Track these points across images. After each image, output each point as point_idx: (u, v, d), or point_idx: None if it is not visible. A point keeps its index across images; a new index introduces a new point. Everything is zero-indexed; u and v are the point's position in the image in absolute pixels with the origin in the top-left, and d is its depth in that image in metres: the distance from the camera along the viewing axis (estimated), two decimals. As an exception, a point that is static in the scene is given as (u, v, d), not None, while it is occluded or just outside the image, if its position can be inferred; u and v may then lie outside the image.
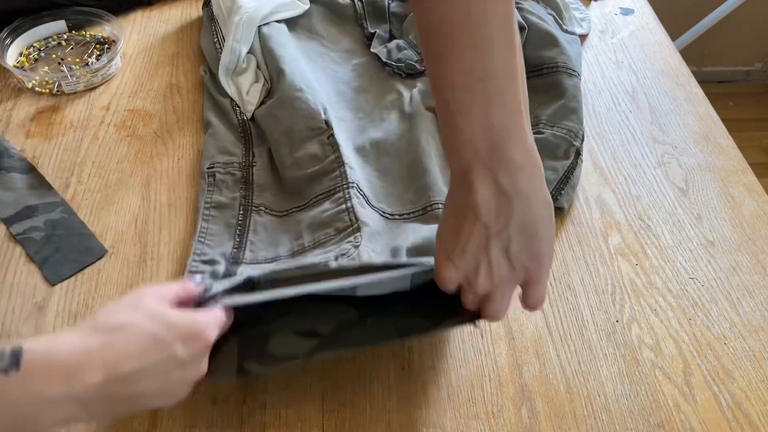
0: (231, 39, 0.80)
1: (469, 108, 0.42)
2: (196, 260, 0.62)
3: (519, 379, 0.57)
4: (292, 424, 0.54)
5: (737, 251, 0.67)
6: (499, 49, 0.42)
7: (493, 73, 0.42)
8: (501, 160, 0.43)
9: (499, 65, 0.42)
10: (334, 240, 0.62)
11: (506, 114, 0.43)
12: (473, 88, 0.42)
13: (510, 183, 0.44)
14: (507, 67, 0.42)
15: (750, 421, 0.54)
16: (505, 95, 0.43)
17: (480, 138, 0.43)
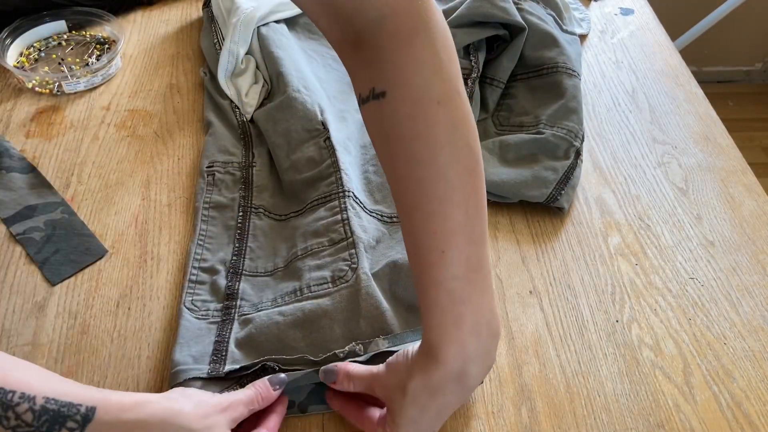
0: (229, 41, 0.80)
1: (470, 295, 0.47)
2: (196, 267, 0.62)
3: (519, 379, 0.57)
4: (292, 424, 0.54)
5: (737, 251, 0.67)
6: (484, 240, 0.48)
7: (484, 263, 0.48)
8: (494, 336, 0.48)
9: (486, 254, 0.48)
10: (327, 251, 0.62)
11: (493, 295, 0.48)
12: (471, 278, 0.47)
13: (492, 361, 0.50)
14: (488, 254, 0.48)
15: (750, 421, 0.54)
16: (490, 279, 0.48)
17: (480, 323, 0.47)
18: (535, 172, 0.69)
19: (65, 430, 0.40)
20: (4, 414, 0.39)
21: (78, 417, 0.41)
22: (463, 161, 0.46)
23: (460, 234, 0.46)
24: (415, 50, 0.45)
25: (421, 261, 0.47)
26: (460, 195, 0.46)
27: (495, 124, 0.77)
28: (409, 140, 0.46)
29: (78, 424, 0.40)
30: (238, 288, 0.61)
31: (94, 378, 0.56)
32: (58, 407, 0.40)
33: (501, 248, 0.67)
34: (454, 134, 0.46)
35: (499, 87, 0.78)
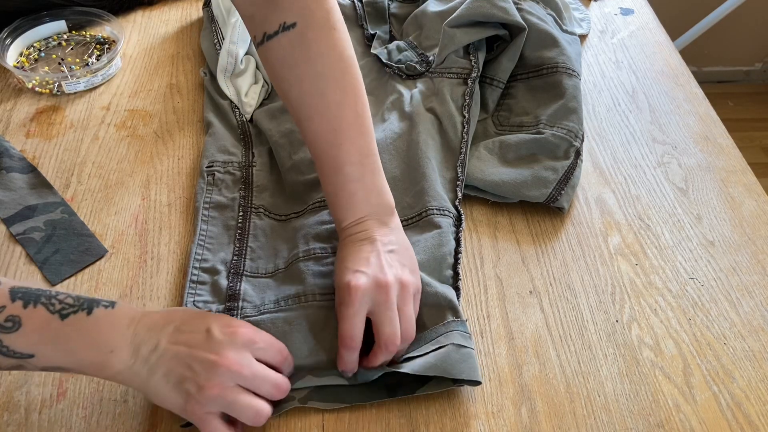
0: (228, 41, 0.80)
1: (362, 176, 0.59)
2: (197, 267, 0.62)
3: (519, 379, 0.57)
4: (292, 424, 0.54)
5: (737, 251, 0.67)
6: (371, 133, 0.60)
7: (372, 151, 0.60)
8: (384, 207, 0.60)
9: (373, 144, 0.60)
10: (330, 258, 0.62)
11: (380, 176, 0.60)
12: (363, 162, 0.59)
13: (389, 219, 0.60)
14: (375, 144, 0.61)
15: (750, 421, 0.54)
16: (378, 164, 0.60)
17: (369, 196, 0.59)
18: (535, 172, 0.69)
19: (101, 307, 0.48)
20: (49, 301, 0.47)
21: (106, 301, 0.49)
22: (351, 72, 0.59)
23: (353, 129, 0.59)
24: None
25: (323, 155, 0.59)
26: (351, 98, 0.59)
27: (495, 124, 0.77)
28: (314, 59, 0.58)
29: (109, 303, 0.49)
30: (239, 289, 0.61)
31: (94, 378, 0.56)
32: (90, 297, 0.49)
33: (501, 248, 0.67)
34: (344, 52, 0.59)
35: (499, 87, 0.78)
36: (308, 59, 0.58)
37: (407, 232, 0.64)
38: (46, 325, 0.46)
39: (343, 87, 0.59)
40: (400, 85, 0.78)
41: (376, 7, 0.90)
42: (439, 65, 0.78)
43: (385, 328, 0.53)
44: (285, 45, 0.58)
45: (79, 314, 0.47)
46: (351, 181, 0.58)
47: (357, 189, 0.58)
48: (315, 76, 0.58)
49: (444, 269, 0.61)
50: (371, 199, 0.59)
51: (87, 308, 0.48)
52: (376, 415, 0.54)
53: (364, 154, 0.59)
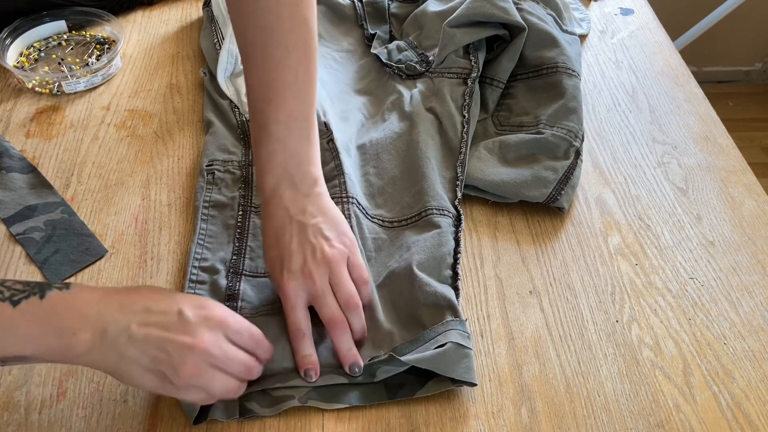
0: (228, 41, 0.80)
1: (286, 137, 0.58)
2: (196, 266, 0.62)
3: (519, 379, 0.57)
4: (292, 424, 0.54)
5: (737, 251, 0.67)
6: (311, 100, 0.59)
7: (305, 116, 0.59)
8: (302, 174, 0.58)
9: (311, 112, 0.59)
10: None
11: (308, 144, 0.59)
12: (291, 125, 0.58)
13: (309, 189, 0.58)
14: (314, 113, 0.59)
15: (750, 421, 0.54)
16: (309, 131, 0.59)
17: (289, 160, 0.58)
18: (535, 172, 0.69)
19: (55, 289, 0.46)
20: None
21: (59, 284, 0.47)
22: (301, 33, 0.58)
23: (288, 90, 0.58)
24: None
25: (253, 108, 0.59)
26: (293, 59, 0.58)
27: (495, 124, 0.77)
28: (261, 11, 0.57)
29: (63, 286, 0.47)
30: (238, 289, 0.61)
31: (94, 378, 0.56)
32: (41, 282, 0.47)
33: (501, 248, 0.67)
34: (298, 11, 0.57)
35: (499, 87, 0.78)
36: (255, 10, 0.57)
37: (406, 232, 0.64)
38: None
39: (285, 45, 0.57)
40: (400, 85, 0.78)
41: (376, 7, 0.90)
42: (439, 65, 0.78)
43: (324, 312, 0.55)
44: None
45: (31, 299, 0.45)
46: (273, 140, 0.58)
47: (277, 149, 0.58)
48: (258, 29, 0.57)
49: (443, 269, 0.61)
50: (290, 164, 0.58)
51: (39, 292, 0.45)
52: (376, 415, 0.54)
53: (294, 116, 0.58)
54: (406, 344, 0.56)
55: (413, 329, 0.57)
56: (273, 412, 0.53)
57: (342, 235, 0.58)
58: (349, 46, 0.87)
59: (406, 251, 0.62)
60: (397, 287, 0.60)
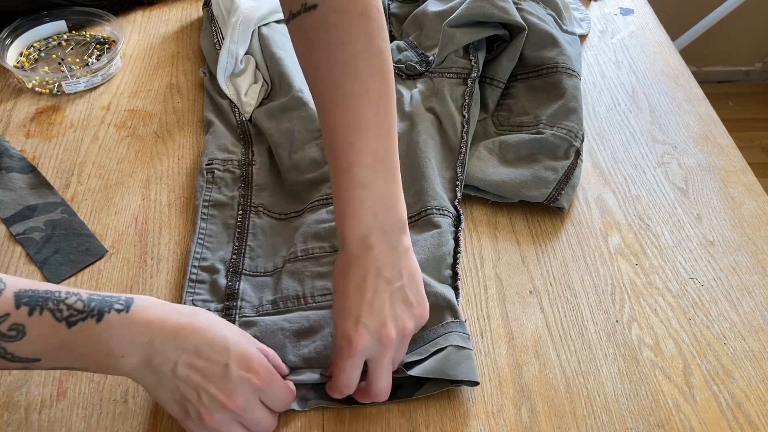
0: (228, 41, 0.80)
1: (373, 182, 0.53)
2: (196, 266, 0.62)
3: (519, 379, 0.57)
4: (292, 424, 0.54)
5: (737, 251, 0.67)
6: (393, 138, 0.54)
7: (390, 156, 0.54)
8: (393, 221, 0.53)
9: (393, 150, 0.54)
10: (328, 258, 0.62)
11: (395, 186, 0.54)
12: (376, 167, 0.53)
13: (398, 240, 0.53)
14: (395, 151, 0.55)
15: (750, 421, 0.54)
16: (395, 172, 0.54)
17: (378, 206, 0.53)
18: (535, 172, 0.69)
19: (114, 312, 0.45)
20: (56, 307, 0.44)
21: (121, 302, 0.46)
22: (377, 66, 0.54)
23: (370, 128, 0.53)
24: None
25: (333, 151, 0.54)
26: (372, 95, 0.53)
27: (495, 124, 0.77)
28: (333, 46, 0.53)
29: (123, 306, 0.46)
30: (238, 288, 0.61)
31: (94, 378, 0.56)
32: (102, 297, 0.46)
33: (501, 248, 0.67)
34: (371, 42, 0.54)
35: (499, 87, 0.78)
36: (327, 45, 0.53)
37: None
38: (52, 333, 0.44)
39: (364, 80, 0.53)
40: (400, 85, 0.78)
41: (376, 7, 0.90)
42: (439, 65, 0.78)
43: (380, 382, 0.52)
44: (306, 27, 0.54)
45: (88, 322, 0.45)
46: (359, 185, 0.53)
47: (365, 196, 0.52)
48: (333, 64, 0.53)
49: (443, 269, 0.61)
50: (380, 210, 0.53)
51: (97, 314, 0.45)
52: (376, 415, 0.54)
53: (379, 158, 0.53)
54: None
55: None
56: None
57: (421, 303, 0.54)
58: (349, 46, 0.87)
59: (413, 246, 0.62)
60: None
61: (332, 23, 0.53)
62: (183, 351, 0.47)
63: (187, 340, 0.47)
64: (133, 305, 0.46)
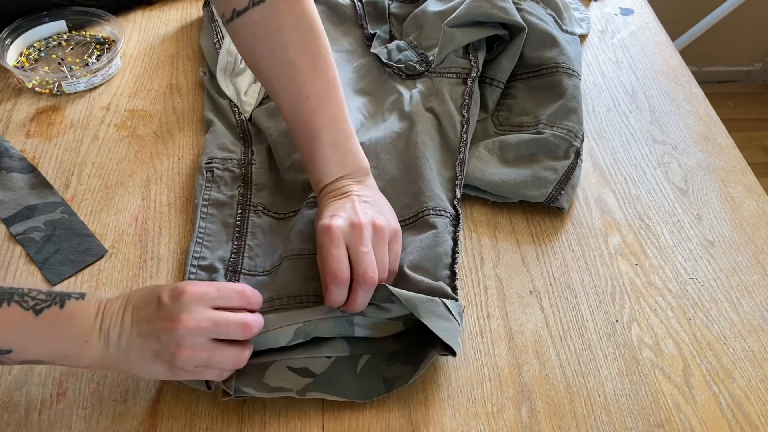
0: (228, 40, 0.80)
1: (337, 140, 0.62)
2: (195, 265, 0.62)
3: (519, 379, 0.57)
4: (292, 424, 0.54)
5: (737, 251, 0.67)
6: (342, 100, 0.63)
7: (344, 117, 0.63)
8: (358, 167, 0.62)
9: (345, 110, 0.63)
10: None
11: (354, 140, 0.63)
12: (336, 128, 0.62)
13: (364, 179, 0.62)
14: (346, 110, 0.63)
15: (750, 421, 0.54)
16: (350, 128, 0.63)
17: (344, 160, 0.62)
18: (534, 172, 0.69)
19: (72, 299, 0.49)
20: (22, 299, 0.48)
21: (76, 294, 0.50)
22: (320, 42, 0.62)
23: (325, 96, 0.62)
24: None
25: (297, 123, 0.62)
26: (321, 66, 0.62)
27: (495, 124, 0.77)
28: (284, 31, 0.60)
29: (80, 295, 0.50)
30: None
31: (94, 378, 0.56)
32: (61, 291, 0.50)
33: (501, 248, 0.67)
34: (314, 21, 0.62)
35: (498, 87, 0.78)
36: (278, 30, 0.60)
37: (405, 233, 0.64)
38: (21, 321, 0.47)
39: (313, 56, 0.61)
40: (399, 85, 0.78)
41: (376, 6, 0.90)
42: (439, 65, 0.78)
43: (360, 263, 0.54)
44: (256, 19, 0.60)
45: (52, 308, 0.48)
46: (326, 146, 0.61)
47: (332, 153, 0.61)
48: (286, 46, 0.60)
49: (440, 269, 0.61)
50: (346, 162, 0.61)
51: (59, 302, 0.48)
52: (376, 415, 0.54)
53: (337, 119, 0.62)
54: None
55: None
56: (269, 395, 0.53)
57: (391, 219, 0.60)
58: (349, 46, 0.87)
59: (402, 252, 0.62)
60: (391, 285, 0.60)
61: (280, 10, 0.60)
62: (126, 314, 0.49)
63: (126, 306, 0.50)
64: (86, 295, 0.50)
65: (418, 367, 0.55)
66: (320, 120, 0.61)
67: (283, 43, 0.61)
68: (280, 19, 0.60)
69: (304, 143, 0.62)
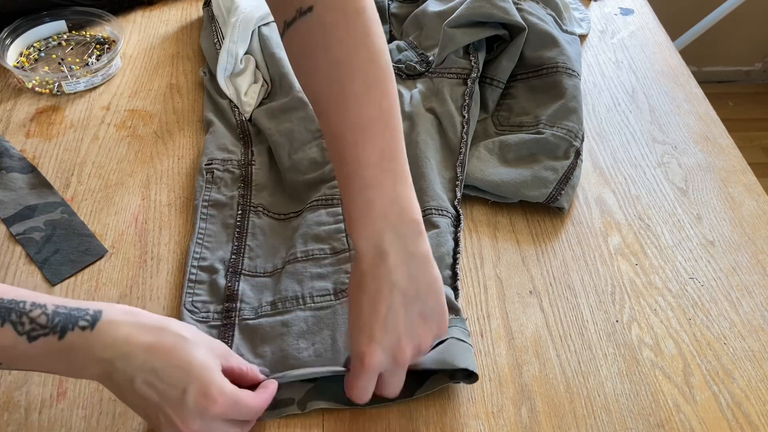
0: (228, 40, 0.80)
1: (382, 182, 0.50)
2: (195, 266, 0.62)
3: (519, 379, 0.57)
4: (292, 424, 0.54)
5: (737, 251, 0.67)
6: (399, 135, 0.52)
7: (397, 155, 0.51)
8: (407, 224, 0.50)
9: (401, 148, 0.52)
10: (328, 260, 0.62)
11: (406, 186, 0.51)
12: (384, 167, 0.50)
13: (415, 245, 0.50)
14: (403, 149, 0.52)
15: (750, 421, 0.54)
16: (405, 171, 0.52)
17: (389, 208, 0.50)
18: (535, 172, 0.69)
19: (78, 329, 0.44)
20: (19, 320, 0.43)
21: (88, 317, 0.45)
22: (377, 62, 0.52)
23: (374, 126, 0.51)
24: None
25: (338, 154, 0.52)
26: (374, 92, 0.51)
27: (495, 124, 0.77)
28: (332, 45, 0.52)
29: (88, 323, 0.45)
30: (237, 288, 0.61)
31: (94, 378, 0.56)
32: (69, 311, 0.45)
33: (501, 248, 0.67)
34: (370, 39, 0.52)
35: (499, 87, 0.78)
36: (325, 45, 0.52)
37: None
38: (12, 346, 0.44)
39: (365, 78, 0.51)
40: (400, 86, 0.78)
41: (376, 6, 0.90)
42: (439, 65, 0.78)
43: (390, 390, 0.51)
44: (303, 31, 0.52)
45: (49, 338, 0.44)
46: (368, 186, 0.50)
47: (375, 197, 0.50)
48: (333, 63, 0.52)
49: (442, 269, 0.61)
50: (391, 212, 0.50)
51: (60, 331, 0.44)
52: (376, 415, 0.54)
53: (387, 157, 0.51)
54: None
55: None
56: (272, 416, 0.53)
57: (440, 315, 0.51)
58: (349, 46, 0.87)
59: None
60: None
61: (329, 23, 0.52)
62: (142, 371, 0.46)
63: (148, 362, 0.46)
64: (99, 321, 0.45)
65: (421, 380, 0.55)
66: (364, 154, 0.50)
67: (330, 60, 0.52)
68: (328, 33, 0.52)
69: (344, 181, 0.51)
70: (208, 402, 0.46)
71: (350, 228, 0.51)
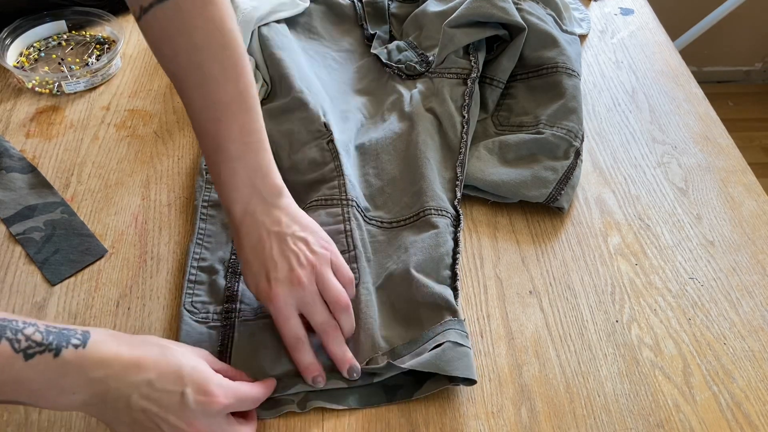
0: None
1: (244, 153, 0.56)
2: (195, 266, 0.62)
3: (519, 379, 0.57)
4: (292, 424, 0.54)
5: (737, 251, 0.67)
6: (256, 110, 0.58)
7: (256, 128, 0.58)
8: (269, 187, 0.57)
9: (258, 121, 0.58)
10: None
11: (266, 154, 0.58)
12: (245, 140, 0.57)
13: (277, 200, 0.58)
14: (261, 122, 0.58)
15: (750, 421, 0.54)
16: (264, 141, 0.58)
17: (253, 175, 0.57)
18: (534, 172, 0.69)
19: (71, 346, 0.45)
20: (15, 337, 0.43)
21: (78, 335, 0.45)
22: (232, 46, 0.57)
23: (234, 104, 0.56)
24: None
25: (203, 132, 0.57)
26: (231, 73, 0.56)
27: (495, 124, 0.77)
28: (189, 32, 0.55)
29: (80, 341, 0.45)
30: (237, 289, 0.61)
31: (94, 378, 0.56)
32: (59, 330, 0.45)
33: (501, 248, 0.67)
34: (224, 24, 0.56)
35: (498, 87, 0.78)
36: (183, 31, 0.56)
37: (404, 233, 0.64)
38: (8, 365, 0.43)
39: (221, 60, 0.56)
40: (399, 86, 0.78)
41: (376, 7, 0.90)
42: (439, 65, 0.78)
43: (315, 319, 0.55)
44: (160, 18, 0.56)
45: (45, 355, 0.43)
46: (232, 159, 0.56)
47: (238, 168, 0.56)
48: (191, 48, 0.56)
49: (442, 270, 0.61)
50: (255, 179, 0.56)
51: (55, 349, 0.44)
52: (376, 415, 0.54)
53: (246, 131, 0.57)
54: (406, 345, 0.56)
55: (412, 330, 0.57)
56: (272, 415, 0.53)
57: (320, 239, 0.58)
58: (348, 46, 0.87)
59: (404, 252, 0.62)
60: (396, 289, 0.60)
61: (185, 10, 0.55)
62: (136, 386, 0.46)
63: (138, 375, 0.46)
64: (89, 340, 0.45)
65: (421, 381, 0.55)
66: (225, 130, 0.56)
67: (189, 45, 0.56)
68: (185, 20, 0.55)
69: (210, 156, 0.57)
70: (208, 398, 0.47)
71: (220, 196, 0.57)
